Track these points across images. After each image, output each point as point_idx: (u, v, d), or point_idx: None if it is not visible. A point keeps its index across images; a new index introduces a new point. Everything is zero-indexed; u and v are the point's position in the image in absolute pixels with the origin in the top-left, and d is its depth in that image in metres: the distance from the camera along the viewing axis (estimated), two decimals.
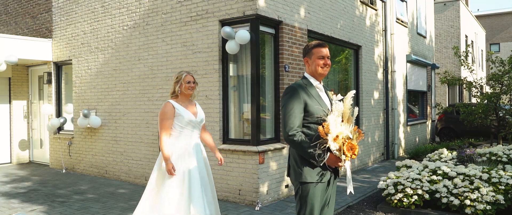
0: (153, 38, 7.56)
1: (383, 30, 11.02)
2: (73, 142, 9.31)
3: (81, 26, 9.01)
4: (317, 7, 7.83)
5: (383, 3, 10.95)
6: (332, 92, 3.24)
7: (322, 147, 2.96)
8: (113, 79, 8.34)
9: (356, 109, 3.13)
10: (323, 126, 2.95)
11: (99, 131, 8.66)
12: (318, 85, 3.21)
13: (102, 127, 8.60)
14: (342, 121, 3.02)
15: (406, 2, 12.83)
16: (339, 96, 3.10)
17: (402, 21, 12.29)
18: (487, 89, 11.76)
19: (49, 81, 9.90)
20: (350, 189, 3.14)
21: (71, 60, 9.33)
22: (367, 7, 10.11)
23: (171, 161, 3.97)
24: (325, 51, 3.18)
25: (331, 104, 3.13)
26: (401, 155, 12.02)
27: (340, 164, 2.98)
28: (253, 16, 6.28)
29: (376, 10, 10.62)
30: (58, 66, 9.92)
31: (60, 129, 9.79)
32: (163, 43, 7.39)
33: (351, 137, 2.96)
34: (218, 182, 6.61)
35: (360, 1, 9.72)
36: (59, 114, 9.88)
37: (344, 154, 2.91)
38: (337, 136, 2.91)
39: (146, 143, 7.72)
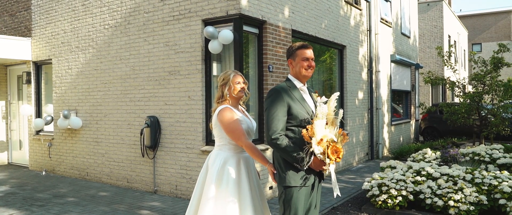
0: (135, 38, 7.41)
1: (367, 30, 11.04)
2: (53, 143, 9.10)
3: (61, 24, 8.80)
4: (301, 7, 7.78)
5: (367, 3, 10.96)
6: (317, 94, 3.18)
7: (306, 150, 2.91)
8: (94, 79, 8.17)
9: (341, 111, 3.07)
10: (307, 129, 2.89)
11: (80, 132, 8.47)
12: (302, 87, 3.15)
13: (83, 128, 8.41)
14: (326, 124, 2.96)
15: (390, 2, 12.88)
16: (324, 99, 3.04)
17: (386, 21, 12.34)
18: (469, 89, 11.88)
19: (29, 81, 9.66)
20: (336, 192, 3.07)
21: (51, 59, 9.11)
22: (352, 7, 10.10)
23: (271, 163, 3.28)
24: (309, 52, 3.11)
25: (315, 106, 3.07)
26: (385, 154, 12.06)
27: (324, 167, 2.92)
28: (237, 16, 6.20)
29: (360, 10, 10.62)
30: (38, 65, 9.68)
31: (40, 130, 9.56)
32: (145, 43, 7.25)
33: (336, 140, 2.90)
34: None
35: (345, 1, 9.70)
36: (38, 114, 9.65)
37: (328, 157, 2.85)
38: (321, 140, 2.85)
39: (128, 144, 7.57)
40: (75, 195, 7.05)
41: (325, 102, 3.02)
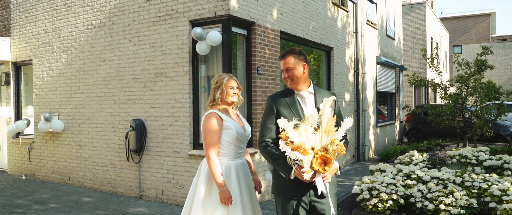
0: (119, 38, 7.21)
1: (354, 32, 11.03)
2: (34, 146, 8.81)
3: (42, 24, 8.53)
4: (289, 8, 7.69)
5: (354, 5, 10.95)
6: (333, 102, 2.93)
7: (287, 157, 2.71)
8: (76, 81, 7.93)
9: (348, 120, 2.79)
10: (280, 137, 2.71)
11: (62, 135, 8.22)
12: (301, 93, 3.02)
13: (65, 131, 8.16)
14: (316, 131, 2.74)
15: (375, 4, 12.92)
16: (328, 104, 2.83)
17: (372, 23, 12.36)
18: (451, 90, 12.03)
19: (8, 83, 9.34)
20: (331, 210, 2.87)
21: (31, 60, 8.82)
22: (339, 8, 10.07)
23: (227, 189, 3.23)
24: (282, 63, 3.02)
25: (318, 111, 2.87)
26: (371, 156, 12.08)
27: (303, 176, 2.67)
28: (225, 17, 6.07)
29: (347, 11, 10.60)
30: (17, 66, 9.37)
31: (19, 132, 9.25)
32: (130, 43, 7.06)
33: (317, 147, 2.68)
34: (188, 189, 6.35)
35: (332, 2, 9.66)
36: (18, 117, 9.34)
37: (311, 166, 2.65)
38: (299, 147, 2.65)
39: (112, 148, 7.36)
40: (57, 201, 6.82)
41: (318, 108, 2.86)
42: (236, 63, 6.60)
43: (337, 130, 2.75)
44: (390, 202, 5.63)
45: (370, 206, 5.70)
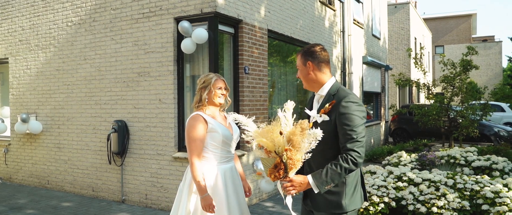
0: (101, 36, 6.92)
1: (341, 31, 10.92)
2: (10, 149, 8.43)
3: (19, 21, 8.16)
4: (277, 6, 7.51)
5: (341, 4, 10.84)
6: (327, 105, 2.59)
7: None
8: (55, 80, 7.60)
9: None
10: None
11: (40, 137, 7.87)
12: (316, 94, 2.75)
13: (43, 132, 7.81)
14: (281, 134, 2.42)
15: (362, 3, 12.85)
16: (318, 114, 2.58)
17: (358, 22, 12.28)
18: (434, 90, 12.09)
19: None
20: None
21: (7, 59, 8.43)
22: (326, 7, 9.93)
23: (209, 195, 3.08)
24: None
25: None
26: None
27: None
28: (212, 14, 5.85)
29: (334, 10, 10.48)
30: None
31: None
32: (112, 41, 6.78)
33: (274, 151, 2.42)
34: (174, 194, 6.12)
35: (319, 1, 9.52)
36: None
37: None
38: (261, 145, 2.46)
39: (93, 150, 7.07)
40: (34, 206, 6.50)
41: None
42: (223, 63, 6.39)
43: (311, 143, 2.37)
44: (382, 205, 5.49)
45: (361, 210, 5.56)
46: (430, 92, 11.90)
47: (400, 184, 5.70)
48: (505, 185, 5.42)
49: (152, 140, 6.35)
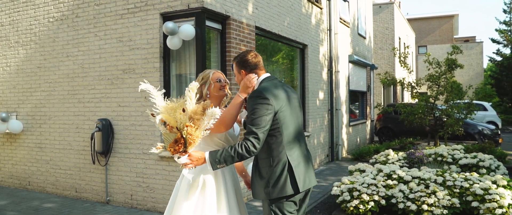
0: (84, 32, 6.72)
1: (327, 29, 10.88)
2: None
3: None
4: (264, 3, 7.42)
5: (328, 1, 10.81)
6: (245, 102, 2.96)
7: None
8: (36, 78, 7.36)
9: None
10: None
11: (21, 136, 7.62)
12: None
13: (24, 132, 7.57)
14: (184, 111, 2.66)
15: (348, 2, 12.85)
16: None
17: (344, 21, 12.27)
18: (417, 89, 12.20)
19: None
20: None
21: None
22: (313, 5, 9.88)
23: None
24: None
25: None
26: (344, 156, 11.98)
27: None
28: (199, 10, 5.72)
29: (321, 8, 10.44)
30: None
31: None
32: (96, 38, 6.59)
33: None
34: (160, 194, 5.98)
35: None
36: None
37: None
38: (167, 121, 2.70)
39: (76, 150, 6.86)
40: (15, 208, 6.27)
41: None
42: (210, 60, 6.26)
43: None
44: (372, 203, 5.46)
45: (351, 208, 5.51)
46: (415, 91, 11.97)
47: (389, 182, 5.67)
48: (494, 182, 5.43)
49: (138, 139, 6.19)
